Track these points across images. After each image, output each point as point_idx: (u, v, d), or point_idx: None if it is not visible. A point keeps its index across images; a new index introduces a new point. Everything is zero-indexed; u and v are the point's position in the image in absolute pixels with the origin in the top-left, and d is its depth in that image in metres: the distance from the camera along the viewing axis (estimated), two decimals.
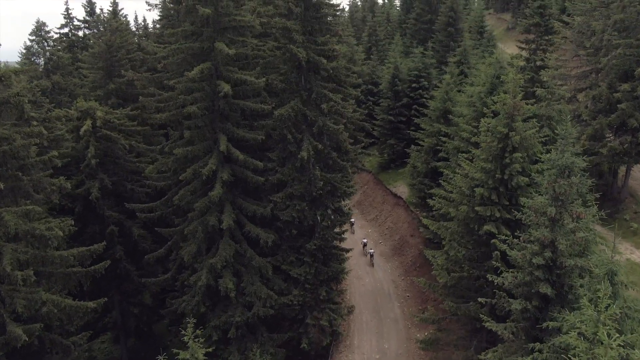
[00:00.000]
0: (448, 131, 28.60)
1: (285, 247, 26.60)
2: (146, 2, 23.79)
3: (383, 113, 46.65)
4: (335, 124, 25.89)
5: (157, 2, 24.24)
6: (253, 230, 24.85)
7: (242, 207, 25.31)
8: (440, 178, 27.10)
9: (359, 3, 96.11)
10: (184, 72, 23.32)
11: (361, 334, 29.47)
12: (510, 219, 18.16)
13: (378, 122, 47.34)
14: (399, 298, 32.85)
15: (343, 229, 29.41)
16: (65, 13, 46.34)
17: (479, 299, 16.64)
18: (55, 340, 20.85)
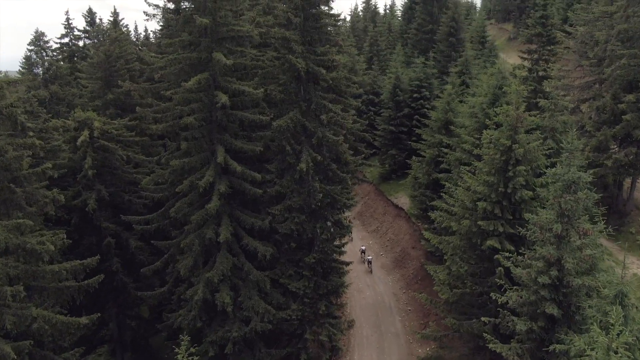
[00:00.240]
0: (450, 142, 28.20)
1: (283, 261, 26.08)
2: (144, 12, 23.54)
3: (384, 123, 46.28)
4: (335, 135, 25.50)
5: (155, 12, 23.96)
6: (251, 243, 24.37)
7: (239, 220, 24.85)
8: (441, 190, 26.63)
9: (360, 13, 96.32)
10: (181, 83, 23.01)
11: (361, 350, 28.81)
12: (514, 233, 17.64)
13: (379, 132, 46.99)
14: (400, 312, 32.22)
15: (343, 242, 28.87)
16: (66, 23, 46.22)
17: (482, 318, 16.05)
18: (47, 356, 20.20)
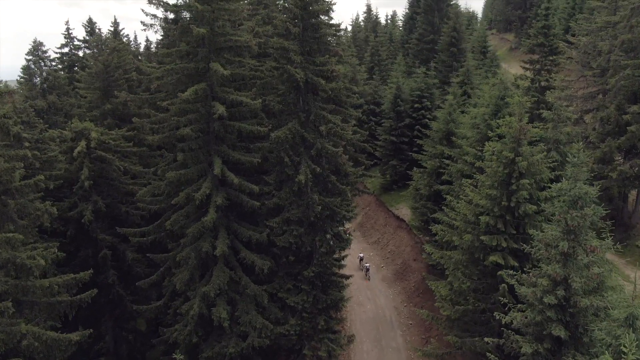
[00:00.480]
0: (451, 153, 27.75)
1: (282, 274, 25.52)
2: (141, 22, 23.28)
3: (385, 133, 45.88)
4: (334, 146, 25.05)
5: (153, 22, 23.60)
6: (248, 257, 23.86)
7: (237, 233, 24.36)
8: (443, 202, 26.13)
9: (361, 23, 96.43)
10: (178, 93, 22.67)
11: None
12: (518, 249, 17.11)
13: (380, 142, 46.58)
14: (402, 326, 31.56)
15: (343, 255, 28.32)
16: (66, 33, 46.22)
17: (486, 339, 15.45)
18: None
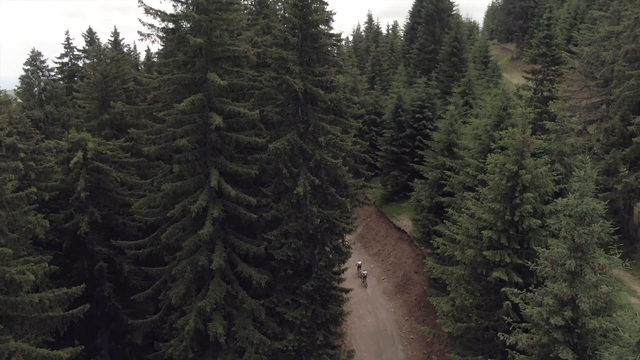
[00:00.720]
0: (453, 165, 27.26)
1: (280, 288, 25.01)
2: (138, 31, 23.03)
3: (386, 144, 45.47)
4: (333, 157, 24.66)
5: (150, 32, 23.33)
6: (245, 270, 23.35)
7: (234, 246, 23.87)
8: (445, 214, 25.61)
9: (362, 33, 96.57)
10: (174, 104, 22.32)
11: None
12: (522, 264, 16.55)
13: (381, 152, 46.18)
14: (403, 340, 30.89)
15: (342, 268, 27.78)
16: (66, 42, 46.05)
17: None
18: None
